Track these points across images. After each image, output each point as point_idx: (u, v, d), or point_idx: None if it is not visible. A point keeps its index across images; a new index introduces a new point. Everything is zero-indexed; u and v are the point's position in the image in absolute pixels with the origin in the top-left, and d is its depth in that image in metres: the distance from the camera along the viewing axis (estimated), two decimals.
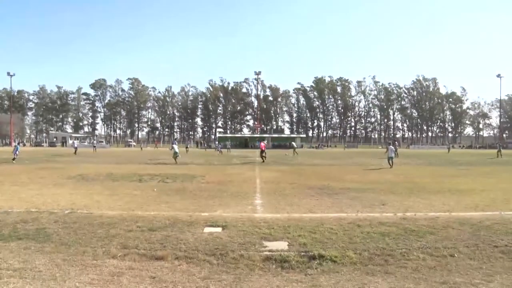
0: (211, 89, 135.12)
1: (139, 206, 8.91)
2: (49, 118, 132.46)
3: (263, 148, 27.09)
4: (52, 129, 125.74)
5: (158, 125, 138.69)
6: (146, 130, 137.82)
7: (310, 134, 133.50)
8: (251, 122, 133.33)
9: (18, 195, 10.48)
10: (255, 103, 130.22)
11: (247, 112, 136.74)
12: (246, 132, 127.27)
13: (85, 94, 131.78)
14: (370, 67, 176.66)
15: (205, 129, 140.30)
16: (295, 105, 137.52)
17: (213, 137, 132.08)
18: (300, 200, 10.07)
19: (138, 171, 17.89)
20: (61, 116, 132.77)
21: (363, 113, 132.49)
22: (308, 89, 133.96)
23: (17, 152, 25.97)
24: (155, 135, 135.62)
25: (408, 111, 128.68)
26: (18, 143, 40.94)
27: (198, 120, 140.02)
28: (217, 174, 17.26)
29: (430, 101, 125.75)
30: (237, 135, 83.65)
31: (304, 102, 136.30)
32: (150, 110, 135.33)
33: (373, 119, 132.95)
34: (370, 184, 13.59)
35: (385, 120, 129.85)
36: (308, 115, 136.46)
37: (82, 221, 7.23)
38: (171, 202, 9.49)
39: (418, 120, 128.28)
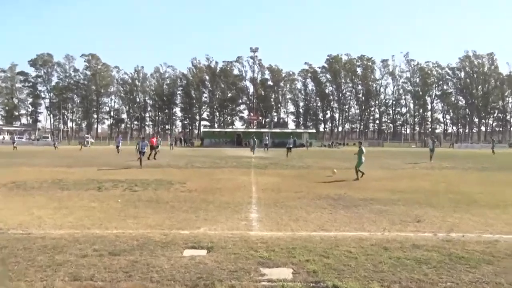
0: (194, 70, 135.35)
1: (97, 223, 8.84)
2: None
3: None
4: None
5: (124, 116, 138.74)
6: (108, 122, 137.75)
7: (321, 129, 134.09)
8: (245, 114, 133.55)
9: None
10: (251, 89, 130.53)
11: (240, 101, 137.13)
12: (239, 126, 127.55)
13: (22, 73, 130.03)
14: (401, 42, 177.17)
15: (186, 122, 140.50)
16: (302, 92, 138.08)
17: (196, 132, 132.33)
18: (308, 213, 10.04)
19: (98, 176, 17.81)
20: None
21: (391, 101, 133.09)
22: (319, 70, 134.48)
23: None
24: (120, 129, 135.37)
25: (453, 99, 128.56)
26: None
27: (177, 111, 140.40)
28: (202, 179, 17.26)
29: (485, 84, 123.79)
30: (227, 130, 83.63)
31: (314, 88, 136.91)
32: (113, 97, 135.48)
33: (404, 109, 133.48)
34: (401, 193, 13.58)
35: (421, 111, 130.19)
36: (319, 104, 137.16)
37: (16, 245, 7.02)
38: (140, 217, 9.46)
39: (467, 110, 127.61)
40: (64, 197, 12.26)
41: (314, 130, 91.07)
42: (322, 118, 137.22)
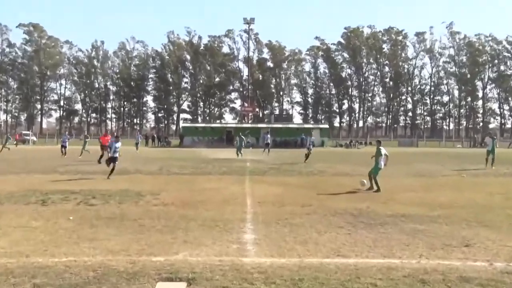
0: (171, 47, 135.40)
1: (40, 249, 8.71)
2: None
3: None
4: None
5: (78, 107, 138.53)
6: (56, 115, 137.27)
7: (336, 124, 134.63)
8: (237, 104, 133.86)
9: None
10: (245, 72, 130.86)
11: (231, 87, 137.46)
12: (229, 120, 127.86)
13: None
14: (442, 9, 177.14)
15: (160, 115, 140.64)
16: (311, 76, 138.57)
17: (174, 127, 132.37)
18: (319, 234, 10.04)
19: (42, 186, 17.76)
20: None
21: (429, 87, 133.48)
22: (333, 48, 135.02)
23: None
24: (73, 124, 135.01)
25: None
26: None
27: (149, 100, 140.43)
28: (181, 189, 17.33)
29: None
30: (214, 125, 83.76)
31: (327, 70, 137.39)
32: (63, 82, 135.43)
33: (446, 98, 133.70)
34: (442, 208, 13.57)
35: (469, 99, 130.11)
36: (333, 91, 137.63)
37: None
38: (99, 240, 9.42)
39: None
40: None
41: (327, 126, 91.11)
42: (337, 110, 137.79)
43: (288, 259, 8.04)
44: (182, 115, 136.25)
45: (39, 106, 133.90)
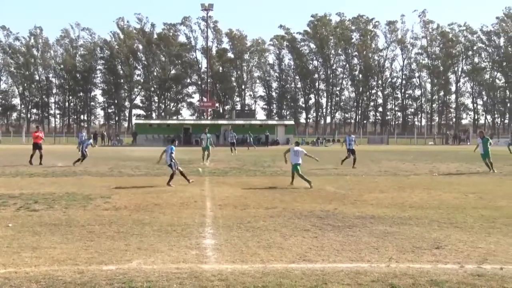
0: (121, 35, 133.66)
1: None
2: None
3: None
4: None
5: (16, 101, 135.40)
6: None
7: (302, 120, 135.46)
8: (195, 99, 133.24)
9: None
10: (203, 64, 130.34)
11: (188, 80, 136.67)
12: (187, 116, 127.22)
13: None
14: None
15: (110, 111, 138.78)
16: (275, 68, 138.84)
17: (126, 124, 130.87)
18: (284, 238, 10.12)
19: None
20: None
21: (400, 81, 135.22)
22: (299, 37, 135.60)
23: None
24: (11, 120, 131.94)
25: (487, 76, 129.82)
26: None
27: (98, 94, 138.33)
28: (134, 192, 17.24)
29: None
30: (170, 122, 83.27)
31: (292, 62, 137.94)
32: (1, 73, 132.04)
33: (418, 92, 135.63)
34: (413, 209, 13.87)
35: (441, 94, 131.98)
36: (299, 85, 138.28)
37: None
38: (42, 248, 9.29)
39: (507, 92, 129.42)
40: None
41: (292, 122, 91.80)
42: (303, 105, 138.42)
43: (251, 265, 8.08)
44: (135, 111, 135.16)
45: None
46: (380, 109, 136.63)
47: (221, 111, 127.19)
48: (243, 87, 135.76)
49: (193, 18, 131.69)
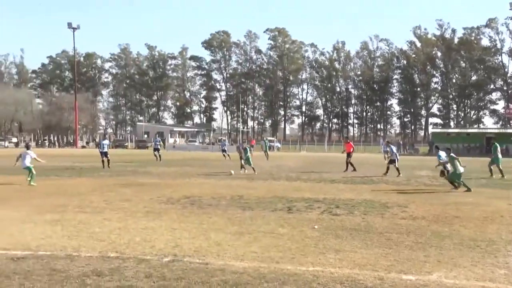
0: (418, 44, 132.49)
1: (288, 256, 9.34)
2: (135, 100, 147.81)
3: None
4: (140, 118, 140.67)
5: (319, 112, 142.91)
6: (298, 121, 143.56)
7: None
8: (499, 106, 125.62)
9: (88, 229, 11.89)
10: (510, 68, 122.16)
11: (491, 86, 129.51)
12: (489, 124, 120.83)
13: (194, 58, 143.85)
14: None
15: (406, 120, 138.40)
16: None
17: (422, 133, 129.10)
18: None
19: (286, 193, 18.82)
20: (155, 96, 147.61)
21: None
22: None
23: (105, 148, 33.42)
24: (315, 129, 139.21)
25: None
26: (104, 139, 45.09)
27: (394, 103, 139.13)
28: (430, 202, 16.99)
29: None
30: (470, 131, 79.74)
31: None
32: (306, 86, 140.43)
33: None
34: None
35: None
36: None
37: (192, 276, 7.77)
38: (344, 251, 9.76)
39: None
40: (246, 219, 13.30)
41: None
42: None
43: None
44: (431, 120, 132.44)
45: (282, 112, 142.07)
46: None
47: None
48: None
49: (500, 19, 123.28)
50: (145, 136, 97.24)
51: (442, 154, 22.52)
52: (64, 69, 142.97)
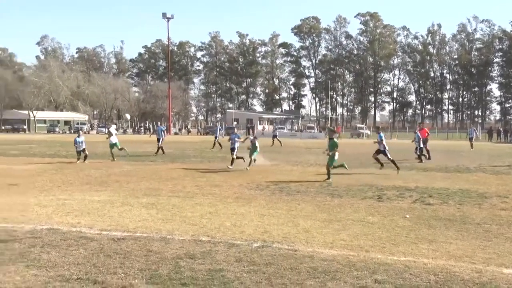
0: None
1: (379, 245, 9.31)
2: (225, 88, 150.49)
3: None
4: (230, 105, 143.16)
5: (412, 98, 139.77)
6: (389, 107, 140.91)
7: None
8: None
9: (181, 213, 12.45)
10: None
11: None
12: None
13: (284, 45, 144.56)
14: None
15: (507, 105, 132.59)
16: None
17: None
18: None
19: (377, 181, 18.85)
20: (245, 84, 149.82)
21: None
22: None
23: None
24: (407, 116, 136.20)
25: None
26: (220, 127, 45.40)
27: (494, 88, 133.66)
28: None
29: None
30: None
31: None
32: (397, 72, 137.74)
33: None
34: None
35: None
36: None
37: (282, 263, 7.92)
38: (438, 242, 9.62)
39: None
40: (335, 207, 13.42)
41: None
42: None
43: None
44: None
45: (372, 99, 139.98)
46: None
47: None
48: None
49: None
50: (235, 123, 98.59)
51: None
52: (159, 58, 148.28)
